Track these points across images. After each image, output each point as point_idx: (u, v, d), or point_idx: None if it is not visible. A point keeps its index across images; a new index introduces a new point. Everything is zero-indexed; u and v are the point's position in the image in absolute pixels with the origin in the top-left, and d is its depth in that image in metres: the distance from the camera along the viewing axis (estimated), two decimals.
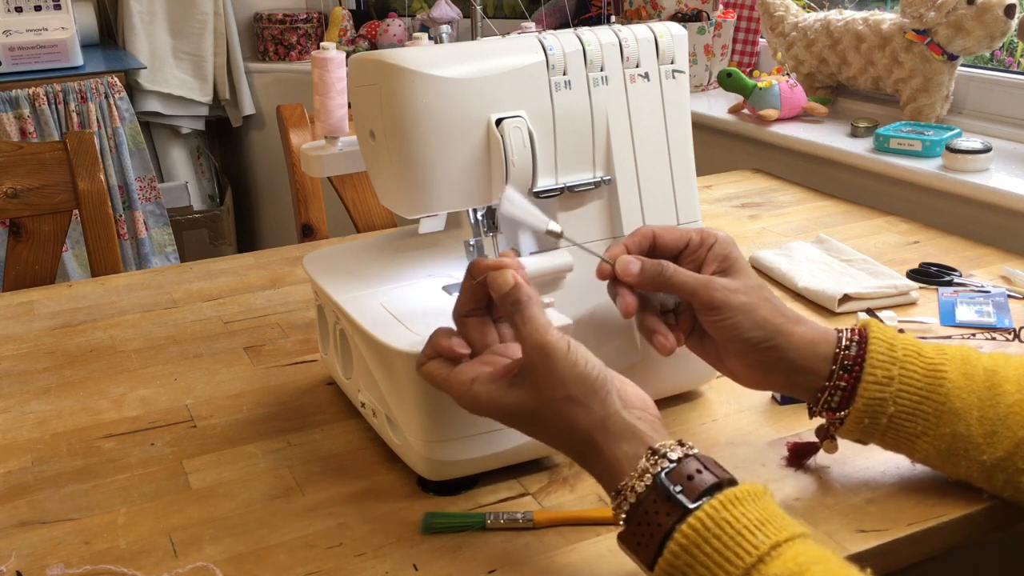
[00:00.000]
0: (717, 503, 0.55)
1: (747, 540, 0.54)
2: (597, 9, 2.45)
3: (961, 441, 0.67)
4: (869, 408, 0.68)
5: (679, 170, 0.83)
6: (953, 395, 0.67)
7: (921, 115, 1.66)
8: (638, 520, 0.57)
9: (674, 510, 0.56)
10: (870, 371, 0.68)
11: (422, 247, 0.90)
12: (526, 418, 0.64)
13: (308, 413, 0.88)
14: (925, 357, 0.69)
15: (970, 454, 0.68)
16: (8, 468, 0.80)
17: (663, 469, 0.58)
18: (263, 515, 0.73)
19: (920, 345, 0.70)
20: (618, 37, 0.79)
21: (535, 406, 0.63)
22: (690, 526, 0.55)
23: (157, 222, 2.56)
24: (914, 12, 1.60)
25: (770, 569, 0.52)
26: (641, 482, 0.58)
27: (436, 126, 0.72)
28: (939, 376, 0.68)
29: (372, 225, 1.55)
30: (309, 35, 2.90)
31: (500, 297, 0.65)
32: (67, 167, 1.37)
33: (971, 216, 1.43)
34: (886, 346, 0.69)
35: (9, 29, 2.34)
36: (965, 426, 0.67)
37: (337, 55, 0.89)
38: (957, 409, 0.67)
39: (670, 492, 0.57)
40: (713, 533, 0.54)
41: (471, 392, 0.64)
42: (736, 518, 0.54)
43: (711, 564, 0.54)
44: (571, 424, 0.62)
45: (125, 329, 1.07)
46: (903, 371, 0.68)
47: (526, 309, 0.64)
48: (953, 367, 0.68)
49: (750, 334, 0.69)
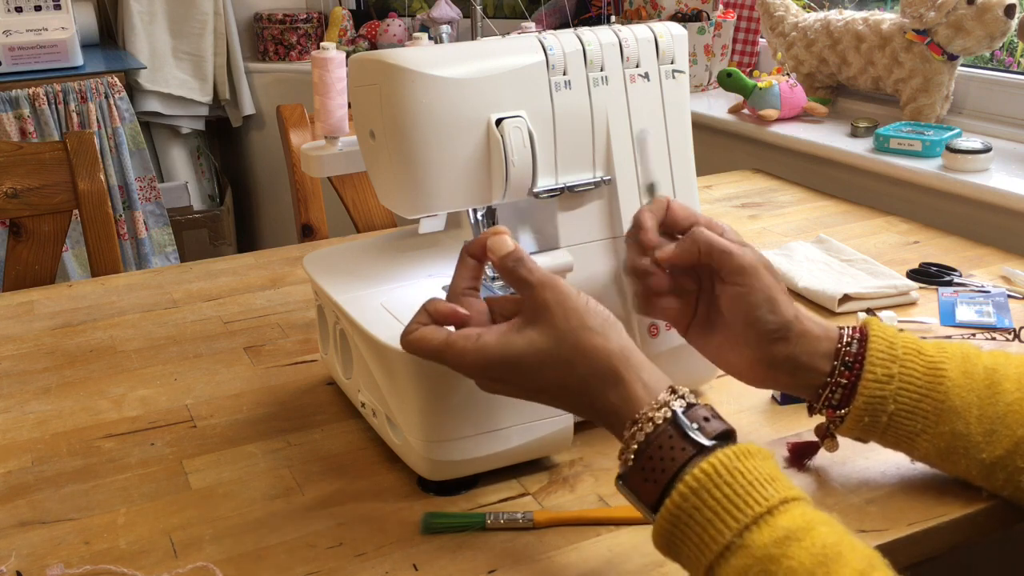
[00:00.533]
0: (731, 452, 0.55)
1: (757, 491, 0.53)
2: (597, 9, 2.45)
3: (960, 439, 0.68)
4: (869, 406, 0.68)
5: (679, 170, 0.83)
6: (953, 393, 0.67)
7: (921, 115, 1.66)
8: (649, 454, 0.56)
9: (689, 447, 0.55)
10: (870, 369, 0.68)
11: (422, 247, 0.90)
12: (540, 360, 0.62)
13: (308, 413, 0.88)
14: (925, 355, 0.69)
15: (969, 452, 0.68)
16: (8, 468, 0.80)
17: (680, 408, 0.57)
18: (263, 515, 0.73)
19: (920, 343, 0.70)
20: (618, 37, 0.79)
21: (550, 343, 0.61)
22: (707, 466, 0.54)
23: (157, 222, 2.56)
24: (914, 12, 1.60)
25: (778, 521, 0.52)
26: (659, 413, 0.57)
27: (436, 126, 0.72)
28: (939, 374, 0.68)
29: (372, 225, 1.55)
30: (309, 35, 2.90)
31: (501, 258, 0.65)
32: (67, 167, 1.37)
33: (971, 216, 1.43)
34: (886, 344, 0.69)
35: (9, 29, 2.34)
36: (964, 424, 0.67)
37: (337, 55, 0.89)
38: (957, 407, 0.67)
39: (687, 429, 0.56)
40: (724, 480, 0.54)
41: (478, 345, 0.62)
42: (748, 469, 0.54)
43: (720, 509, 0.53)
44: (590, 353, 0.60)
45: (125, 329, 1.07)
46: (903, 369, 0.68)
47: (529, 262, 0.64)
48: (953, 365, 0.68)
49: (766, 318, 0.68)
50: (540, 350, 0.62)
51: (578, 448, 0.80)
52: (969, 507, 0.71)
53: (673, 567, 0.66)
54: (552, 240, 0.80)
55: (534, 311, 0.63)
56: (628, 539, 0.69)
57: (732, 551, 0.52)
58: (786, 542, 0.51)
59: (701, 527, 0.54)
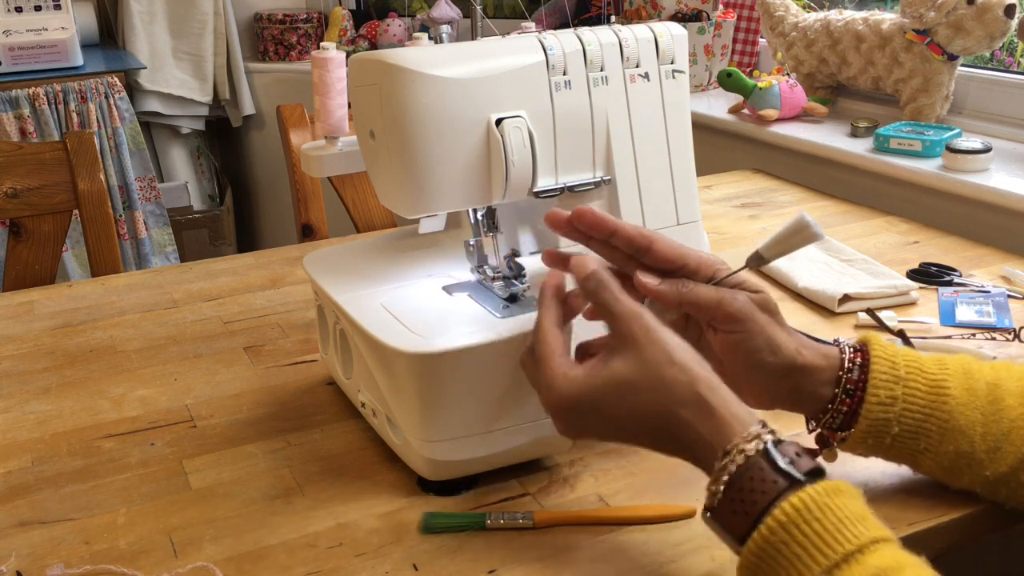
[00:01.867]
0: (822, 487, 0.54)
1: (848, 529, 0.53)
2: (597, 9, 2.45)
3: (964, 457, 0.67)
4: (872, 428, 0.67)
5: (679, 170, 0.83)
6: (957, 412, 0.67)
7: (921, 115, 1.66)
8: (740, 486, 0.56)
9: (782, 480, 0.55)
10: (873, 392, 0.67)
11: (422, 247, 0.90)
12: (625, 390, 0.61)
13: (308, 413, 0.88)
14: (927, 373, 0.68)
15: (973, 469, 0.67)
16: (8, 468, 0.80)
17: (772, 440, 0.57)
18: (263, 515, 0.73)
19: (921, 359, 0.69)
20: (618, 37, 0.79)
21: (635, 373, 0.61)
22: (797, 501, 0.54)
23: (157, 222, 2.56)
24: (914, 12, 1.60)
25: (868, 559, 0.52)
26: (751, 445, 0.56)
27: (436, 126, 0.72)
28: (942, 393, 0.67)
29: (372, 225, 1.55)
30: (309, 35, 2.90)
31: (583, 278, 0.64)
32: (67, 167, 1.37)
33: (971, 216, 1.43)
34: (888, 364, 0.68)
35: (9, 29, 2.34)
36: (969, 443, 0.67)
37: (337, 55, 0.89)
38: (961, 426, 0.66)
39: (780, 463, 0.55)
40: (815, 516, 0.53)
41: (569, 374, 0.62)
42: (839, 506, 0.54)
43: (808, 545, 0.53)
44: (676, 385, 0.60)
45: (125, 329, 1.07)
46: (906, 390, 0.67)
47: (614, 286, 0.63)
48: (956, 382, 0.67)
49: (768, 360, 0.66)
50: (625, 380, 0.61)
51: (578, 448, 0.79)
52: (969, 507, 0.71)
53: (675, 567, 0.66)
54: (552, 240, 0.80)
55: (621, 342, 0.62)
56: (628, 539, 0.69)
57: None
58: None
59: (789, 561, 0.53)
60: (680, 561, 0.66)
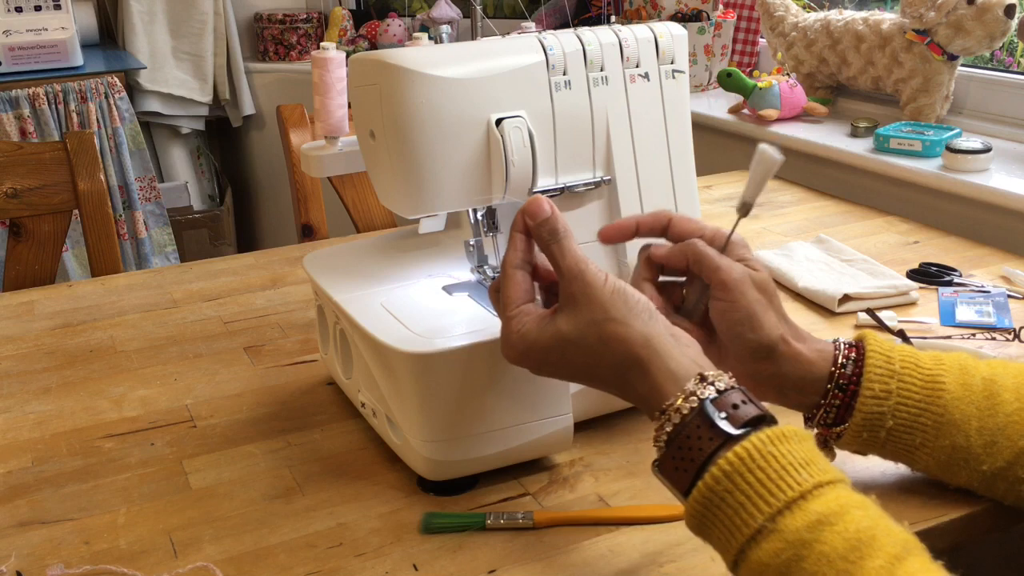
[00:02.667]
0: (764, 436, 0.54)
1: (791, 476, 0.53)
2: (597, 9, 2.45)
3: (960, 452, 0.67)
4: (867, 422, 0.68)
5: (679, 170, 0.83)
6: (952, 407, 0.67)
7: (921, 115, 1.66)
8: (679, 444, 0.57)
9: (716, 436, 0.55)
10: (868, 385, 0.67)
11: (422, 247, 0.90)
12: (568, 348, 0.63)
13: (308, 413, 0.88)
14: (923, 368, 0.68)
15: (970, 464, 0.67)
16: (8, 468, 0.80)
17: (709, 396, 0.57)
18: (263, 515, 0.73)
19: (917, 355, 0.69)
20: (618, 37, 0.79)
21: (575, 333, 0.62)
22: (734, 455, 0.54)
23: (157, 222, 2.56)
24: (914, 12, 1.60)
25: (811, 506, 0.52)
26: (687, 404, 0.57)
27: (436, 126, 0.72)
28: (937, 388, 0.67)
29: (372, 225, 1.55)
30: (309, 35, 2.90)
31: (536, 224, 0.65)
32: (67, 167, 1.37)
33: (971, 216, 1.43)
34: (884, 359, 0.68)
35: (9, 29, 2.34)
36: (964, 437, 0.67)
37: (337, 55, 0.89)
38: (956, 420, 0.67)
39: (714, 418, 0.56)
40: (757, 464, 0.54)
41: (521, 329, 0.64)
42: (782, 454, 0.54)
43: (752, 494, 0.53)
44: (613, 343, 0.61)
45: (125, 329, 1.07)
46: (901, 384, 0.67)
47: (563, 240, 0.64)
48: (951, 378, 0.68)
49: (746, 335, 0.67)
50: (568, 338, 0.62)
51: (578, 448, 0.80)
52: (969, 507, 0.71)
53: (675, 567, 0.66)
54: None
55: (564, 300, 0.64)
56: (628, 539, 0.69)
57: (764, 535, 0.52)
58: (818, 526, 0.51)
59: (733, 510, 0.53)
60: (680, 561, 0.66)
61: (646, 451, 0.80)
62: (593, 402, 0.81)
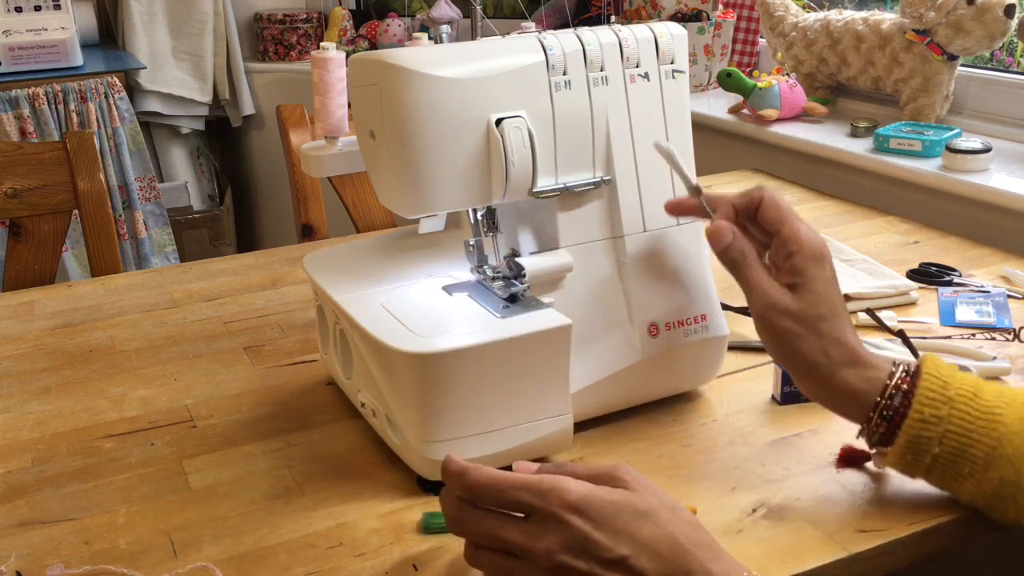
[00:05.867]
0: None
1: None
2: (597, 9, 2.45)
3: (1009, 487, 0.65)
4: (912, 445, 0.67)
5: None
6: (1007, 440, 0.65)
7: (921, 115, 1.66)
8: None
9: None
10: (917, 408, 0.66)
11: (422, 247, 0.90)
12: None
13: (308, 413, 0.88)
14: (981, 399, 0.66)
15: (1018, 500, 0.65)
16: (8, 468, 0.80)
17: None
18: (263, 515, 0.73)
19: (980, 385, 0.67)
20: (618, 37, 0.79)
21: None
22: None
23: (157, 222, 2.56)
24: (914, 12, 1.60)
25: None
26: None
27: (436, 126, 0.72)
28: (994, 420, 0.65)
29: (372, 225, 1.55)
30: (309, 35, 2.90)
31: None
32: (67, 167, 1.37)
33: (971, 216, 1.43)
34: (939, 384, 0.67)
35: (9, 29, 2.34)
36: (1015, 473, 0.65)
37: (337, 55, 0.89)
38: (1008, 455, 0.65)
39: None
40: None
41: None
42: None
43: None
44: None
45: (125, 329, 1.07)
46: (954, 411, 0.66)
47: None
48: (1011, 412, 0.66)
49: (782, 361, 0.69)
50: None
51: (578, 448, 0.80)
52: (969, 507, 0.71)
53: None
54: (552, 240, 0.80)
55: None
56: None
57: None
58: None
59: None
60: None
61: (646, 451, 0.80)
62: (593, 402, 0.81)
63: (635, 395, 0.84)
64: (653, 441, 0.81)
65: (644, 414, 0.85)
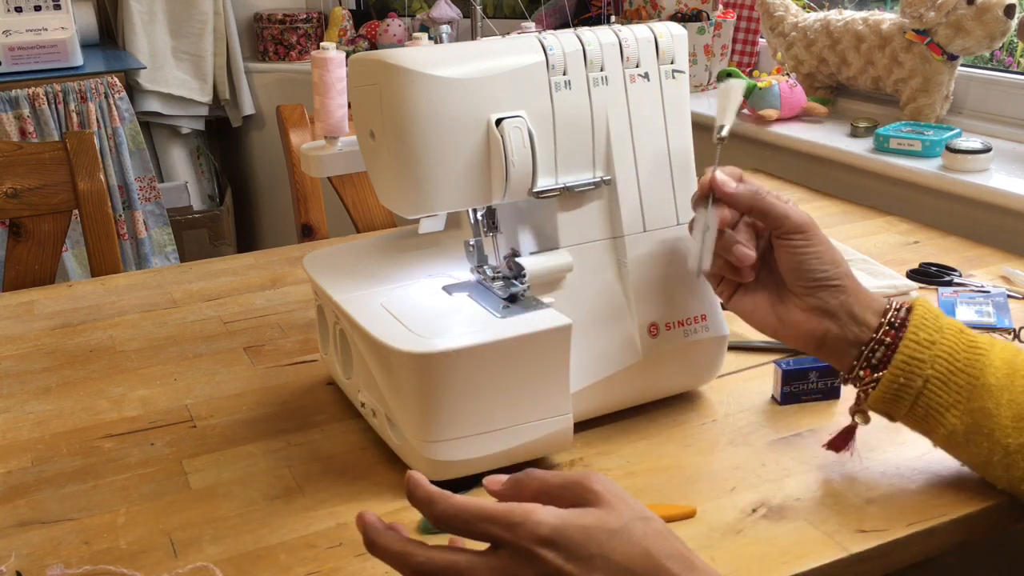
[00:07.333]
0: None
1: None
2: (597, 9, 2.45)
3: (988, 419, 0.68)
4: (907, 367, 0.70)
5: (679, 170, 0.83)
6: (988, 371, 0.69)
7: (921, 115, 1.66)
8: None
9: None
10: (913, 331, 0.70)
11: (422, 247, 0.90)
12: None
13: (308, 413, 0.88)
14: (967, 333, 0.71)
15: (995, 435, 0.68)
16: (8, 468, 0.80)
17: None
18: (263, 515, 0.73)
19: (965, 327, 0.72)
20: (618, 37, 0.79)
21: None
22: None
23: (157, 222, 2.56)
24: (914, 12, 1.60)
25: None
26: None
27: (436, 126, 0.72)
28: (978, 352, 0.70)
29: (372, 225, 1.55)
30: (309, 35, 2.90)
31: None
32: (67, 167, 1.37)
33: (971, 216, 1.43)
34: (932, 315, 0.71)
35: (9, 29, 2.34)
36: (995, 404, 0.68)
37: (337, 55, 0.89)
38: (990, 385, 0.69)
39: None
40: None
41: None
42: None
43: None
44: None
45: (125, 329, 1.07)
46: (944, 338, 0.70)
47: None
48: (995, 352, 0.70)
49: (823, 267, 0.73)
50: None
51: (578, 448, 0.80)
52: (969, 507, 0.71)
53: None
54: (552, 240, 0.80)
55: None
56: None
57: None
58: None
59: None
60: None
61: (646, 451, 0.80)
62: (593, 402, 0.81)
63: (635, 395, 0.84)
64: (653, 441, 0.81)
65: (644, 414, 0.85)
